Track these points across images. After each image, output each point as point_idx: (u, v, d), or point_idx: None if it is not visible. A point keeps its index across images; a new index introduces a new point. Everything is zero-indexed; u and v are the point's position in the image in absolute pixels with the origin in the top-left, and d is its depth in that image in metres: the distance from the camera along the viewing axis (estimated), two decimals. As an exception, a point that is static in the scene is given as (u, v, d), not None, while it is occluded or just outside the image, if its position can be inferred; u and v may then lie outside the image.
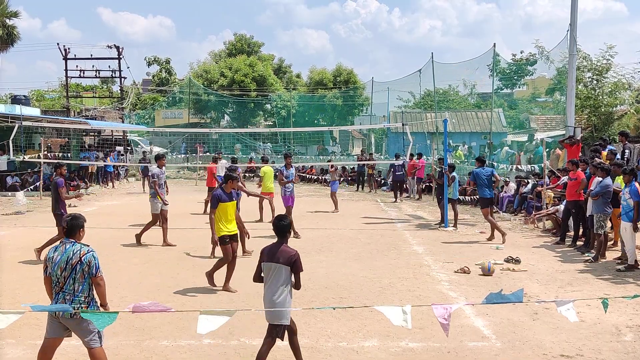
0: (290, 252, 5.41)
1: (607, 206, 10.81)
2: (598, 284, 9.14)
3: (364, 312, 7.39)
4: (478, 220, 15.94)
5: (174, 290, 8.57)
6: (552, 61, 23.09)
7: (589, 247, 11.75)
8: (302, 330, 6.88)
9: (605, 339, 6.67)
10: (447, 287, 8.89)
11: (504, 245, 12.10)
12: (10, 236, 13.18)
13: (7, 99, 36.70)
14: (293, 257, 5.39)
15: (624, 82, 21.12)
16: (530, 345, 6.46)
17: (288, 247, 5.47)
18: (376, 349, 6.33)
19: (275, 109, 37.06)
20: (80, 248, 5.09)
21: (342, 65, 40.77)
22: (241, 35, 43.98)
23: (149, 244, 11.83)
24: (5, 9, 34.21)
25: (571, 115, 17.50)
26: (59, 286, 5.02)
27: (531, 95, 34.77)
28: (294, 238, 13.51)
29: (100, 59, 33.83)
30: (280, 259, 5.37)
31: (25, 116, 21.06)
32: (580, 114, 21.36)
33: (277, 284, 5.37)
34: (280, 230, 5.52)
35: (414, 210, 18.43)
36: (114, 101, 37.80)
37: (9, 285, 8.77)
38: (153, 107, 39.39)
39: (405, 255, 11.33)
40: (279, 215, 5.82)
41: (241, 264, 9.36)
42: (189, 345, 6.36)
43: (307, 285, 8.96)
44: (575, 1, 17.09)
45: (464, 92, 35.51)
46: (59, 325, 5.05)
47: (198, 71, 39.91)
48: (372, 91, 34.96)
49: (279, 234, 5.53)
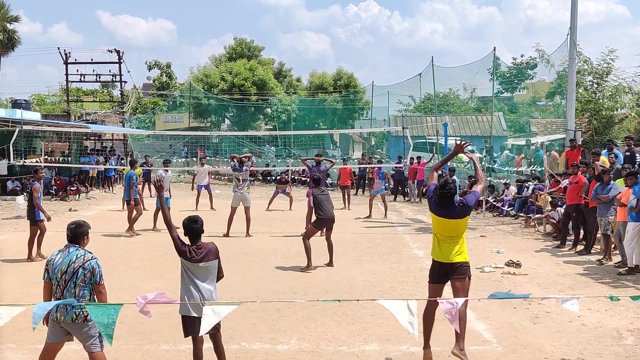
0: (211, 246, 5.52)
1: (613, 209, 10.82)
2: (599, 288, 9.14)
3: (364, 316, 7.38)
4: (478, 224, 15.95)
5: (175, 294, 8.54)
6: (553, 65, 23.16)
7: (589, 250, 11.76)
8: (302, 334, 6.88)
9: (606, 342, 6.65)
10: (448, 291, 8.86)
11: (504, 249, 12.10)
12: (11, 240, 13.18)
13: (8, 103, 36.74)
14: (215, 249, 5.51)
15: (624, 85, 21.18)
16: (531, 349, 6.45)
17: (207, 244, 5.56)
18: (377, 353, 6.32)
19: (276, 112, 37.08)
20: (85, 254, 5.07)
21: (343, 69, 40.86)
22: (241, 39, 44.05)
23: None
24: (6, 14, 34.32)
25: (571, 119, 17.51)
26: (59, 292, 4.98)
27: (531, 98, 34.84)
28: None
29: (101, 63, 33.90)
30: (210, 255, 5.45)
31: (25, 120, 21.08)
32: (580, 118, 21.40)
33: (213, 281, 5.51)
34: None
35: (414, 214, 18.43)
36: (114, 105, 37.83)
37: (9, 290, 8.77)
38: (153, 111, 39.43)
39: (406, 259, 11.33)
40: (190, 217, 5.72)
41: (241, 265, 9.38)
42: (189, 349, 6.32)
43: (308, 288, 8.97)
44: (575, 5, 17.12)
45: (464, 95, 35.58)
46: (60, 330, 5.02)
47: (198, 75, 39.97)
48: (373, 95, 35.01)
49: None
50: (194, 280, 5.37)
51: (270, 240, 13.18)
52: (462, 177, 20.61)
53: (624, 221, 10.21)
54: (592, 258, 11.30)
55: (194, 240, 5.46)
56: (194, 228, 5.46)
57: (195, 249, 5.40)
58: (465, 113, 33.62)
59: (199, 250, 5.40)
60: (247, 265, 10.42)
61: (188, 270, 5.39)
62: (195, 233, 5.46)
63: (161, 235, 14.06)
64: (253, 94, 37.05)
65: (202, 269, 5.39)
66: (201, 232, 5.51)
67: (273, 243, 12.80)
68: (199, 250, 5.39)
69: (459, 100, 36.54)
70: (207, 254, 5.40)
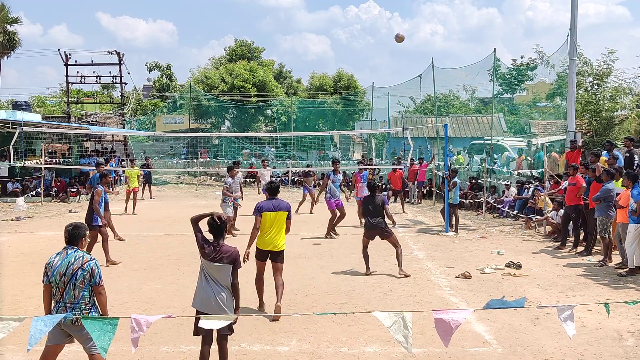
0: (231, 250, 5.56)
1: (610, 210, 10.81)
2: (599, 289, 9.13)
3: (365, 318, 7.37)
4: (479, 225, 15.94)
5: (174, 296, 8.56)
6: (553, 66, 23.08)
7: (589, 251, 11.76)
8: (302, 335, 6.88)
9: (606, 344, 6.65)
10: (448, 293, 8.88)
11: (504, 251, 12.10)
12: (11, 242, 13.17)
13: (8, 105, 36.78)
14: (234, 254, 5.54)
15: (624, 87, 21.16)
16: (531, 350, 6.44)
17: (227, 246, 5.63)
18: (377, 354, 6.32)
19: (276, 114, 37.07)
20: (83, 255, 5.06)
21: (343, 71, 40.89)
22: (241, 40, 44.05)
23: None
24: (6, 15, 34.32)
25: (572, 120, 17.50)
26: (58, 294, 4.97)
27: (532, 100, 34.77)
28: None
29: (101, 64, 33.95)
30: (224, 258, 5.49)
31: (26, 122, 21.09)
32: (581, 119, 21.38)
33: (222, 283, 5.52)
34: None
35: (414, 216, 18.42)
36: (114, 107, 37.86)
37: (9, 292, 8.76)
38: (154, 113, 39.43)
39: (406, 260, 11.29)
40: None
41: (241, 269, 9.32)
42: (189, 350, 6.34)
43: (308, 290, 8.96)
44: (575, 6, 17.12)
45: (464, 97, 35.49)
46: (61, 332, 5.01)
47: (198, 77, 39.96)
48: (373, 96, 34.97)
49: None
50: (208, 278, 5.50)
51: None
52: (462, 179, 20.60)
53: (624, 223, 10.20)
54: (593, 259, 11.29)
55: (216, 238, 5.58)
56: (217, 226, 5.59)
57: (213, 247, 5.51)
58: (466, 114, 33.58)
59: (215, 249, 5.49)
60: (247, 266, 10.39)
61: (203, 267, 5.54)
62: (218, 231, 5.59)
63: (160, 237, 14.07)
64: (253, 95, 37.05)
65: (215, 270, 5.47)
66: (224, 231, 5.63)
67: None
68: (215, 250, 5.49)
69: (459, 102, 36.49)
70: (222, 257, 5.47)
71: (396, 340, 4.47)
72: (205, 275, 5.50)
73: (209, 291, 5.44)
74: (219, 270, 5.46)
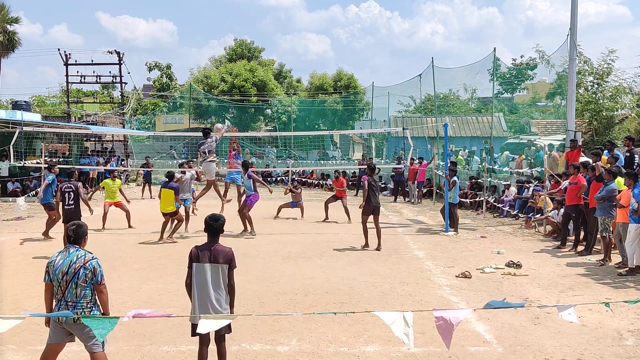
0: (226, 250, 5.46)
1: (612, 209, 10.81)
2: (599, 289, 9.13)
3: (365, 317, 7.37)
4: (479, 225, 15.95)
5: (175, 295, 8.56)
6: (553, 65, 23.10)
7: (589, 251, 11.76)
8: (303, 335, 6.88)
9: (607, 343, 6.65)
10: (449, 292, 8.88)
11: (504, 250, 12.10)
12: (11, 242, 13.17)
13: (8, 105, 36.77)
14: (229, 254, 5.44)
15: (624, 86, 21.17)
16: (531, 350, 6.44)
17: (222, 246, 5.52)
18: (377, 354, 6.32)
19: (276, 113, 37.09)
20: (85, 254, 5.07)
21: (343, 70, 40.91)
22: (241, 40, 44.09)
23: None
24: (6, 15, 34.34)
25: (572, 120, 17.50)
26: (60, 293, 4.98)
27: (532, 99, 34.80)
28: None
29: (101, 64, 33.90)
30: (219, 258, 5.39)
31: (26, 122, 21.09)
32: (581, 118, 21.40)
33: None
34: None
35: (414, 215, 18.43)
36: (114, 107, 37.84)
37: (10, 291, 8.76)
38: (154, 113, 39.43)
39: (406, 260, 11.33)
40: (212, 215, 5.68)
41: (241, 266, 9.32)
42: (189, 350, 6.34)
43: (308, 290, 8.96)
44: (575, 5, 17.11)
45: (464, 96, 35.52)
46: (62, 331, 5.02)
47: (198, 76, 39.98)
48: (373, 96, 34.98)
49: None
50: (201, 281, 5.34)
51: (270, 241, 13.16)
52: (462, 178, 20.61)
53: (624, 222, 10.20)
54: (593, 259, 11.30)
55: (212, 238, 5.47)
56: (213, 226, 5.49)
57: (204, 248, 5.41)
58: (466, 114, 33.60)
59: (209, 250, 5.39)
60: (247, 266, 10.41)
61: (195, 274, 5.38)
62: (213, 231, 5.48)
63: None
64: (253, 95, 37.07)
65: (211, 270, 5.34)
66: (220, 231, 5.50)
67: (273, 244, 12.79)
68: (208, 251, 5.38)
69: (459, 101, 36.51)
70: (216, 257, 5.36)
71: (398, 337, 4.46)
72: (199, 279, 5.33)
73: (205, 295, 5.31)
74: (215, 271, 5.35)
